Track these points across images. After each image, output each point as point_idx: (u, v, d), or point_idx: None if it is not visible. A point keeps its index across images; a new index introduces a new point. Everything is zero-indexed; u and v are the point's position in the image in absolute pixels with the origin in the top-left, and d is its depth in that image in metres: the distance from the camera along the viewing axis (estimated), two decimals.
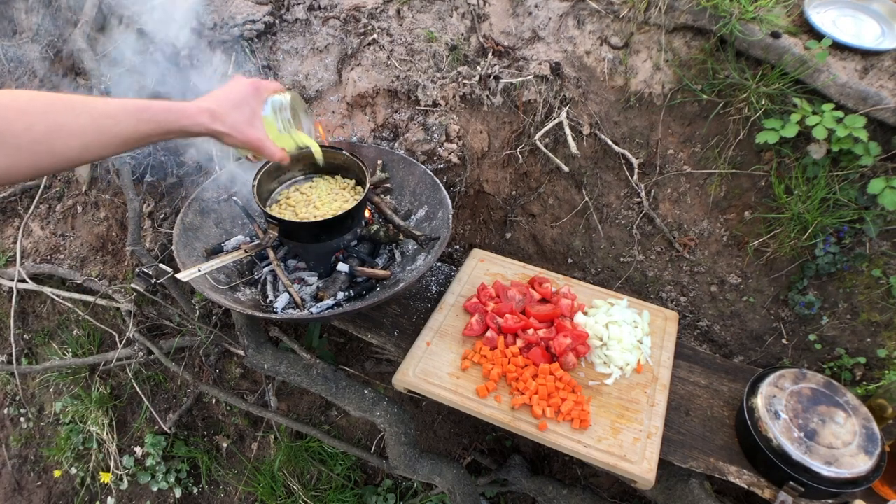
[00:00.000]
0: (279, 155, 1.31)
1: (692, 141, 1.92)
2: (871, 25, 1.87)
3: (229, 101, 1.21)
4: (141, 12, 2.22)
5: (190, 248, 1.67)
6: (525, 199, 2.10)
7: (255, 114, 1.26)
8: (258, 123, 1.26)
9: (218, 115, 1.17)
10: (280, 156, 1.31)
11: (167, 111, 1.08)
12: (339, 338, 2.29)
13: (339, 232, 1.68)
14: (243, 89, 1.25)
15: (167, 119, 1.07)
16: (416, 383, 1.56)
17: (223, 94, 1.22)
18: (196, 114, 1.13)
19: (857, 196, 1.69)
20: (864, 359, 1.73)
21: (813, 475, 1.35)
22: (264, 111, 1.29)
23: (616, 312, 1.73)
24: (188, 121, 1.12)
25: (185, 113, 1.11)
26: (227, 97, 1.21)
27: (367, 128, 2.06)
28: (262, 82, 1.30)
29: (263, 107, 1.29)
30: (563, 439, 1.45)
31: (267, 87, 1.31)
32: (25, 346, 2.76)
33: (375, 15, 2.10)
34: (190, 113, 1.12)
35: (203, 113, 1.14)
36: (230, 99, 1.22)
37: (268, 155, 1.29)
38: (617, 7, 1.94)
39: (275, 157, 1.30)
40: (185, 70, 2.14)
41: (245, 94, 1.25)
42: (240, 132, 1.21)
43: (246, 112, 1.23)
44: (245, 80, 1.27)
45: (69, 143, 0.93)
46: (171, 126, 1.09)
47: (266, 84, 1.31)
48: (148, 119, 1.04)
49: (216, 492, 2.70)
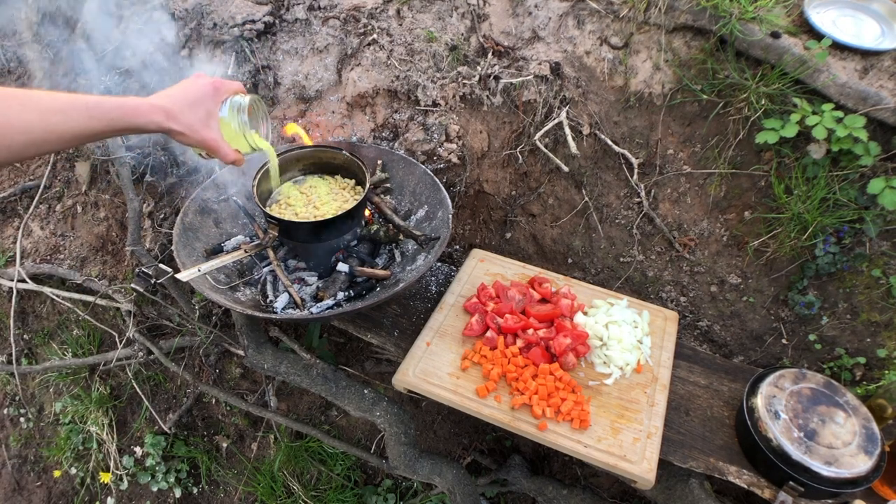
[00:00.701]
0: (232, 156, 1.28)
1: (692, 141, 1.92)
2: (871, 25, 1.87)
3: (186, 99, 1.19)
4: (141, 12, 2.23)
5: (190, 248, 1.67)
6: (525, 199, 2.10)
7: (212, 114, 1.23)
8: (213, 124, 1.23)
9: (173, 113, 1.15)
10: (233, 157, 1.28)
11: (119, 108, 1.06)
12: (339, 338, 2.29)
13: (339, 232, 1.68)
14: (202, 88, 1.23)
15: (119, 116, 1.06)
16: (416, 383, 1.56)
17: (180, 93, 1.20)
18: (149, 112, 1.11)
19: (857, 196, 1.69)
20: (863, 359, 1.73)
21: (813, 475, 1.35)
22: (221, 112, 1.27)
23: (616, 312, 1.73)
24: (142, 119, 1.10)
25: (139, 111, 1.10)
26: (184, 96, 1.19)
27: (367, 128, 2.06)
28: (222, 82, 1.28)
29: (221, 107, 1.27)
30: (562, 439, 1.45)
31: (227, 87, 1.28)
32: (25, 346, 2.76)
33: (375, 15, 2.10)
34: (143, 111, 1.10)
35: (157, 111, 1.13)
36: (187, 98, 1.19)
37: (221, 157, 1.26)
38: (617, 7, 1.94)
39: (228, 158, 1.27)
40: (185, 70, 2.14)
41: (203, 93, 1.22)
42: (194, 132, 1.19)
43: (201, 112, 1.21)
44: (205, 79, 1.25)
45: (14, 139, 0.91)
46: (124, 123, 1.07)
47: (226, 84, 1.28)
48: (100, 116, 1.02)
49: (216, 492, 2.70)
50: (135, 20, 2.23)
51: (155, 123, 1.12)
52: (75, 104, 1.00)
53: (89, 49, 2.31)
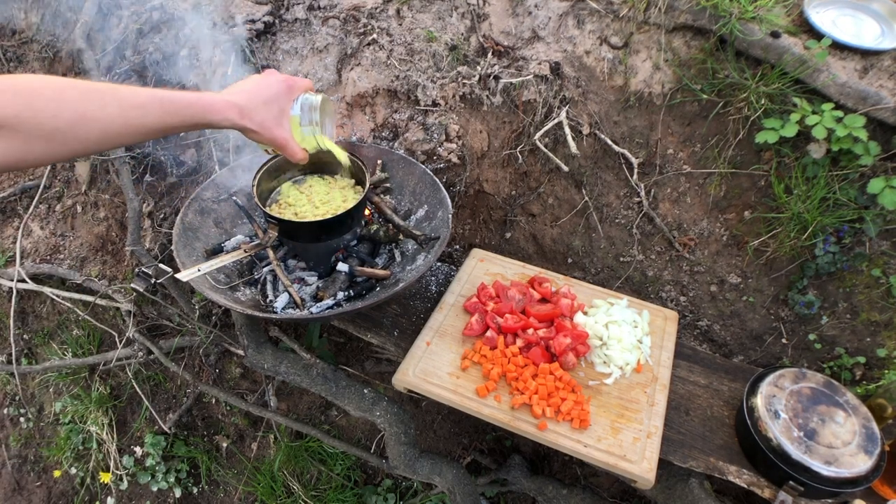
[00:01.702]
0: (300, 155, 1.30)
1: (692, 140, 1.92)
2: (871, 25, 1.87)
3: (260, 97, 1.19)
4: (140, 12, 2.23)
5: (190, 247, 1.67)
6: (525, 199, 2.10)
7: (284, 112, 1.24)
8: (286, 123, 1.25)
9: (247, 111, 1.15)
10: (301, 156, 1.30)
11: (194, 105, 1.06)
12: (338, 337, 2.29)
13: (338, 232, 1.68)
14: (275, 86, 1.23)
15: (194, 112, 1.06)
16: (416, 383, 1.56)
17: (254, 89, 1.20)
18: (224, 108, 1.12)
19: (857, 196, 1.69)
20: (863, 358, 1.73)
21: (813, 475, 1.35)
22: (293, 110, 1.28)
23: (616, 312, 1.73)
24: (216, 115, 1.11)
25: (214, 107, 1.10)
26: (258, 93, 1.19)
27: (367, 127, 2.06)
28: (295, 80, 1.28)
29: (293, 105, 1.28)
30: (562, 439, 1.45)
31: (299, 84, 1.29)
32: (25, 346, 2.76)
33: (375, 15, 2.10)
34: (218, 108, 1.11)
35: (232, 108, 1.13)
36: (261, 95, 1.20)
37: (289, 155, 1.28)
38: (617, 7, 1.94)
39: (296, 157, 1.29)
40: (185, 70, 2.14)
41: (276, 91, 1.23)
42: (267, 130, 1.20)
43: (275, 110, 1.22)
44: (278, 76, 1.26)
45: (90, 132, 0.92)
46: (198, 119, 1.07)
47: (299, 82, 1.29)
48: (174, 112, 1.03)
49: (216, 492, 2.70)
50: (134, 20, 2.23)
51: (229, 121, 1.13)
52: (153, 98, 1.00)
53: (89, 49, 2.31)
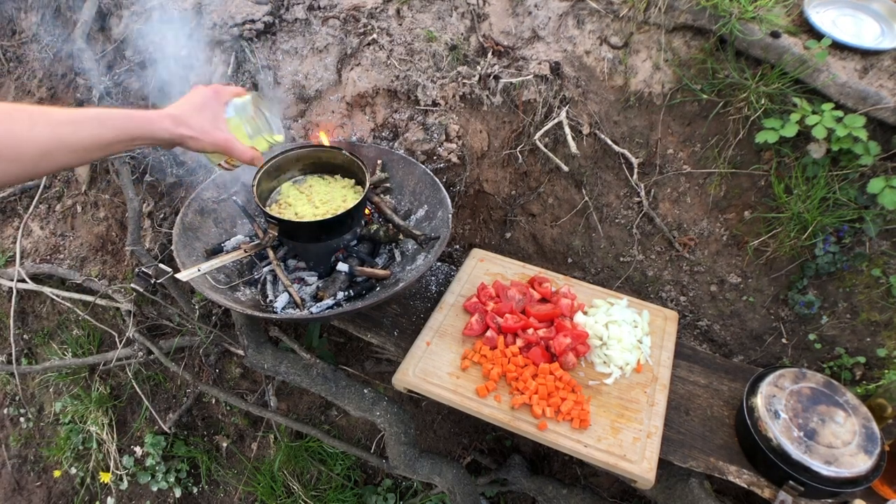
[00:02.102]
0: (249, 154, 1.31)
1: (692, 140, 1.92)
2: (871, 25, 1.87)
3: (192, 105, 1.24)
4: (140, 12, 2.23)
5: (190, 247, 1.67)
6: (525, 199, 2.10)
7: (218, 116, 1.28)
8: (222, 125, 1.28)
9: (181, 119, 1.19)
10: (250, 155, 1.31)
11: (129, 118, 1.10)
12: (338, 337, 2.29)
13: (338, 232, 1.68)
14: (203, 94, 1.28)
15: (130, 126, 1.10)
16: (416, 383, 1.56)
17: (184, 101, 1.25)
18: (158, 119, 1.16)
19: (857, 195, 1.69)
20: (863, 358, 1.73)
21: (813, 475, 1.35)
22: (227, 114, 1.31)
23: (616, 312, 1.73)
24: (152, 126, 1.14)
25: (148, 119, 1.14)
26: (188, 102, 1.25)
27: (367, 127, 2.06)
28: (220, 87, 1.32)
29: (226, 110, 1.31)
30: (562, 439, 1.45)
31: (226, 90, 1.33)
32: (25, 346, 2.76)
33: (375, 14, 2.10)
34: (153, 119, 1.15)
35: (166, 118, 1.17)
36: (192, 104, 1.24)
37: (238, 155, 1.29)
38: (616, 7, 1.94)
39: (245, 156, 1.30)
40: (185, 70, 2.14)
41: (205, 98, 1.27)
42: (206, 133, 1.23)
43: (208, 115, 1.25)
44: (203, 87, 1.30)
45: (24, 152, 0.94)
46: (135, 133, 1.11)
47: (224, 88, 1.33)
48: (110, 126, 1.06)
49: (216, 492, 2.70)
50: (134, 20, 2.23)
51: (166, 130, 1.17)
52: (86, 115, 1.03)
53: (89, 49, 2.31)
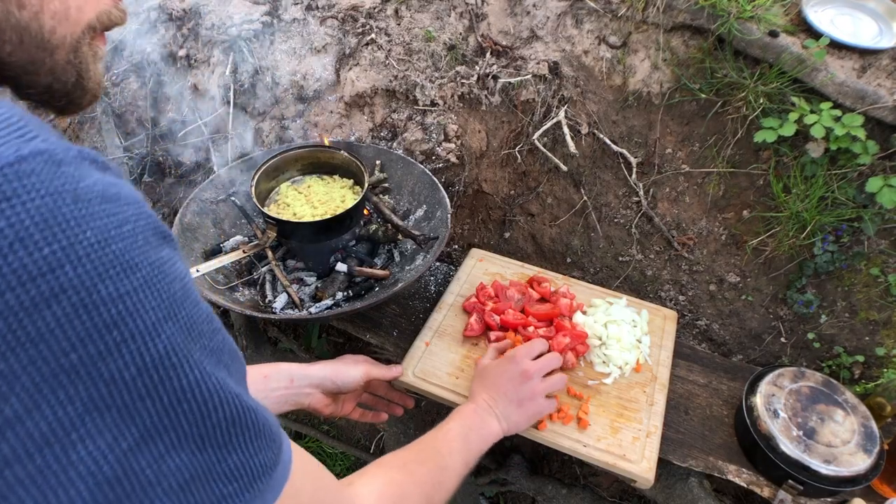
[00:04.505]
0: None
1: (690, 140, 1.92)
2: (869, 24, 1.87)
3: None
4: (138, 12, 2.22)
5: (188, 248, 1.66)
6: (524, 199, 2.10)
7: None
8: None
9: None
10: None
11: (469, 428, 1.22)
12: (337, 338, 2.29)
13: (337, 232, 1.68)
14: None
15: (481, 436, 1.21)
16: (416, 383, 1.56)
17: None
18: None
19: (856, 194, 1.69)
20: (862, 357, 1.74)
21: (812, 473, 1.35)
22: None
23: (615, 311, 1.73)
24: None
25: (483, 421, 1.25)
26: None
27: (366, 127, 2.06)
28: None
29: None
30: (562, 439, 1.45)
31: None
32: None
33: (373, 14, 2.10)
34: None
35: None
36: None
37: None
38: (615, 6, 1.94)
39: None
40: (183, 70, 2.13)
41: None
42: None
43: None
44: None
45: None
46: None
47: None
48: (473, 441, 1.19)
49: None
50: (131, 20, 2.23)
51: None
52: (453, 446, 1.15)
53: None
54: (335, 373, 1.27)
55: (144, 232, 0.46)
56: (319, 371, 1.25)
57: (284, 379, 1.20)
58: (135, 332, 0.43)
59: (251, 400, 0.53)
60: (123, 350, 0.42)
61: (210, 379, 0.47)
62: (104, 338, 0.41)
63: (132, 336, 0.42)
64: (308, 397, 1.23)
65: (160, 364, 0.44)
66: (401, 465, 0.97)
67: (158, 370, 0.44)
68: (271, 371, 1.19)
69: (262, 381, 1.15)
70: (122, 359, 0.42)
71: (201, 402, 0.47)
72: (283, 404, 1.20)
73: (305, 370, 1.24)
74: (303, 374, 1.23)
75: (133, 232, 0.44)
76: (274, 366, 1.21)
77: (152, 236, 0.46)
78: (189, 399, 0.46)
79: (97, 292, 0.41)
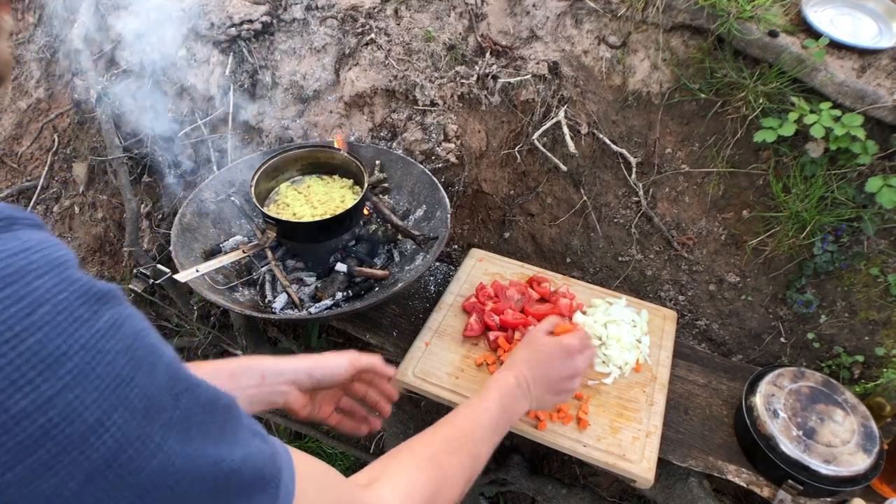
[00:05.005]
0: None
1: (690, 140, 1.92)
2: (869, 24, 1.87)
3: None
4: (138, 12, 2.22)
5: (188, 248, 1.66)
6: (523, 199, 2.10)
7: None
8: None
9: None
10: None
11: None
12: (337, 338, 2.29)
13: (337, 232, 1.68)
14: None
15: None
16: (415, 383, 1.56)
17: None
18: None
19: (855, 194, 1.69)
20: (862, 357, 1.74)
21: (812, 473, 1.35)
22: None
23: (615, 311, 1.73)
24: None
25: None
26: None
27: (365, 127, 2.05)
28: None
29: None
30: (562, 439, 1.45)
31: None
32: None
33: (373, 14, 2.10)
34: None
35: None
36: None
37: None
38: (615, 6, 1.94)
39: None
40: (183, 70, 2.13)
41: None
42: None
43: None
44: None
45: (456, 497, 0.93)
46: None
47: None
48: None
49: None
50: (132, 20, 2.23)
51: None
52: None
53: (86, 49, 2.30)
54: (313, 365, 1.10)
55: (70, 307, 0.38)
56: (294, 365, 1.08)
57: (255, 376, 1.03)
58: (73, 436, 0.36)
59: (235, 452, 0.46)
60: (63, 461, 0.36)
61: (177, 460, 0.41)
62: (32, 455, 0.35)
63: (70, 443, 0.36)
64: (283, 396, 1.06)
65: (113, 462, 0.37)
66: (429, 458, 0.87)
67: (112, 468, 0.38)
68: (240, 367, 1.03)
69: (230, 379, 1.00)
70: (64, 471, 0.36)
71: (173, 485, 0.41)
72: (254, 405, 1.03)
73: (279, 365, 1.07)
74: (276, 369, 1.06)
75: (52, 314, 0.37)
76: (244, 360, 1.07)
77: (82, 307, 0.39)
78: (158, 488, 0.40)
79: (13, 406, 0.34)
